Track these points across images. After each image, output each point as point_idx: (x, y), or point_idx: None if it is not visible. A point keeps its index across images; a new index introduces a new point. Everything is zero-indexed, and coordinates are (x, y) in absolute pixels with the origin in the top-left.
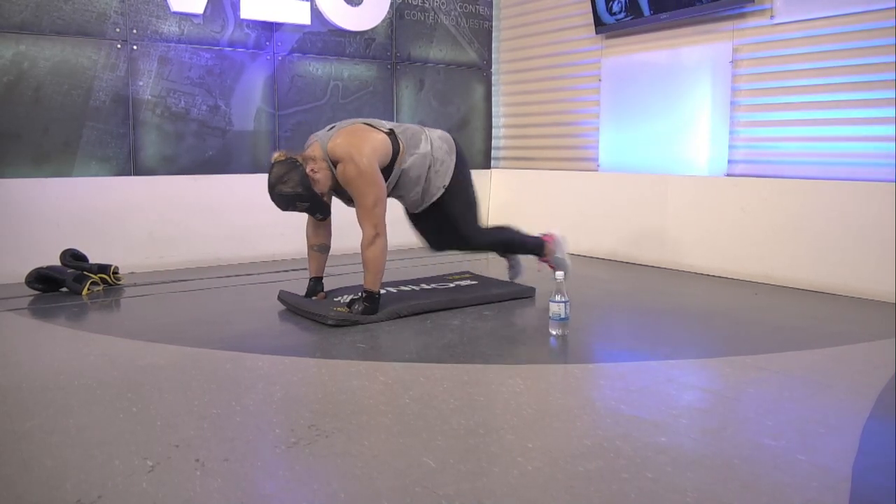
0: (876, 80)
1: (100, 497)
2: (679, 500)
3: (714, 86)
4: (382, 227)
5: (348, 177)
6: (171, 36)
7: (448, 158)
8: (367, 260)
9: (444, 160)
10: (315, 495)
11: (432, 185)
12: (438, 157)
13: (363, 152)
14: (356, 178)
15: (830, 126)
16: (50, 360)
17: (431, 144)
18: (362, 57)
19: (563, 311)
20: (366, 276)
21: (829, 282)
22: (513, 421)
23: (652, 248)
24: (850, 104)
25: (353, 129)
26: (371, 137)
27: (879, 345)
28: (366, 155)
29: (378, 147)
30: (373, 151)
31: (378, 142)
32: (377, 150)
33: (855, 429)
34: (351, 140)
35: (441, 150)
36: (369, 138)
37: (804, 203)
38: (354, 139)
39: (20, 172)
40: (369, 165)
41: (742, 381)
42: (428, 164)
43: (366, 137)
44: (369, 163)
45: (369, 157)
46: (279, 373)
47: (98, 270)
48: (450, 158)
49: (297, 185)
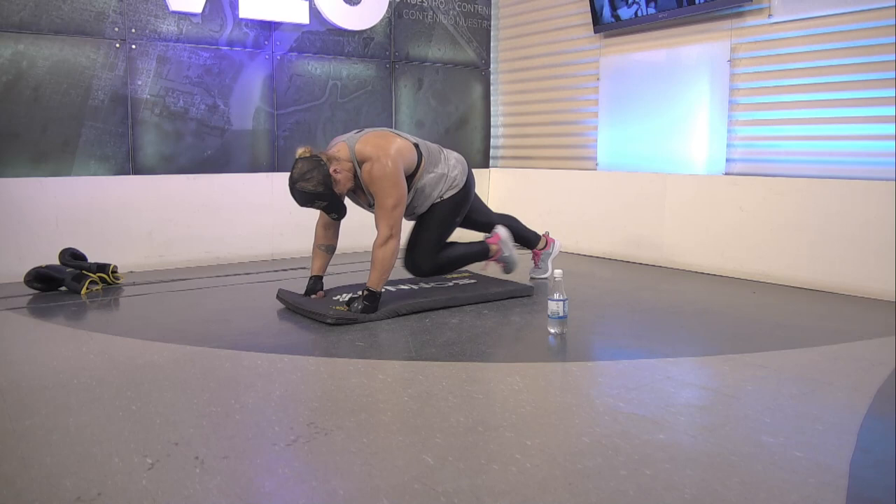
0: (873, 79)
1: (99, 494)
2: (677, 497)
3: (712, 84)
4: (398, 230)
5: (374, 176)
6: (169, 35)
7: (460, 179)
8: (377, 259)
9: (456, 179)
10: (314, 492)
11: (437, 195)
12: (452, 175)
13: (390, 154)
14: (381, 178)
15: (828, 125)
16: (49, 358)
17: (448, 165)
18: (361, 56)
19: (562, 310)
20: (371, 274)
21: (827, 280)
22: (511, 418)
23: (650, 246)
24: (848, 103)
25: (383, 133)
26: (399, 143)
27: (877, 343)
28: (392, 157)
29: (405, 152)
30: (399, 155)
31: (405, 148)
32: (404, 155)
33: (853, 426)
34: (380, 142)
35: (455, 170)
36: (397, 143)
37: (802, 201)
38: (383, 141)
39: (19, 172)
40: (395, 167)
41: (740, 379)
42: (440, 184)
43: (394, 141)
44: (395, 165)
45: (395, 159)
46: (278, 371)
47: (97, 269)
48: (461, 178)
49: (319, 183)
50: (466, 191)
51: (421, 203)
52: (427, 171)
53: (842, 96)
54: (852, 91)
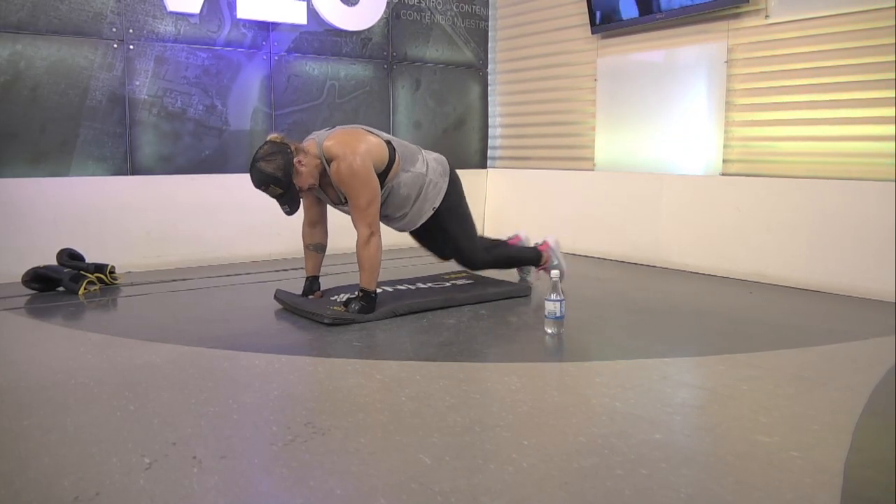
0: (870, 80)
1: (97, 494)
2: (673, 497)
3: (709, 85)
4: (377, 227)
5: (342, 175)
6: (167, 36)
7: (441, 181)
8: (363, 259)
9: (438, 182)
10: (311, 492)
11: (423, 206)
12: (432, 178)
13: (357, 151)
14: (350, 178)
15: (825, 125)
16: (47, 358)
17: (427, 165)
18: (359, 57)
19: (559, 310)
20: (361, 275)
21: (823, 280)
22: (508, 418)
23: (647, 246)
24: (845, 103)
25: (350, 131)
26: (367, 139)
27: (872, 343)
28: (360, 154)
29: (373, 149)
30: (367, 152)
31: (373, 144)
32: (371, 151)
33: (848, 425)
34: (346, 139)
35: (435, 171)
36: (365, 139)
37: (798, 202)
38: (350, 139)
39: (17, 172)
40: (363, 165)
41: (736, 379)
42: (420, 184)
43: (361, 138)
44: (363, 162)
45: (363, 156)
46: (275, 371)
47: (95, 270)
48: (443, 181)
49: (278, 168)
50: (453, 188)
51: (400, 205)
52: (403, 169)
53: (838, 97)
54: (849, 92)
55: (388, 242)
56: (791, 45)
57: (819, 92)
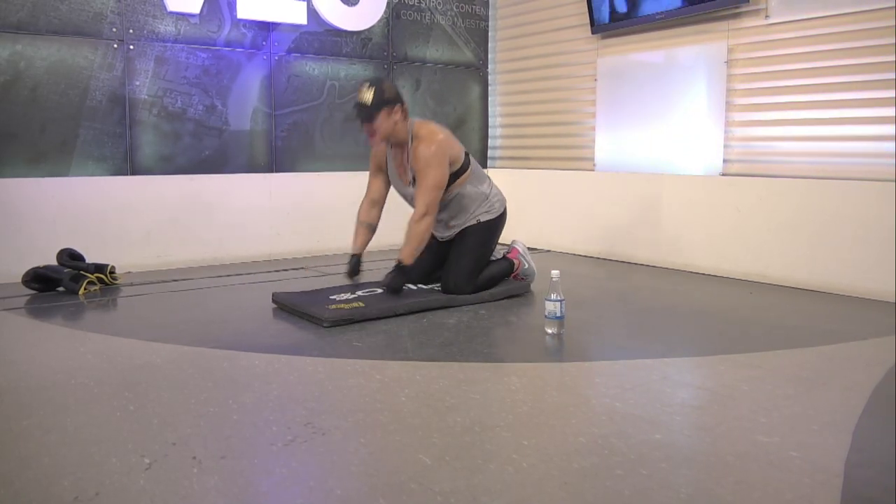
0: (870, 80)
1: (97, 494)
2: (673, 497)
3: (709, 85)
4: (433, 209)
5: (420, 154)
6: (167, 36)
7: (498, 206)
8: (412, 233)
9: (495, 205)
10: (311, 492)
11: (474, 215)
12: (492, 201)
13: (440, 141)
14: (427, 158)
15: (825, 125)
16: (47, 358)
17: (491, 189)
18: (359, 57)
19: (559, 310)
20: (405, 247)
21: (823, 280)
22: (508, 418)
23: (647, 246)
24: (844, 103)
25: (442, 127)
26: (452, 138)
27: (872, 343)
28: (442, 144)
29: (454, 147)
30: (449, 145)
31: (456, 144)
32: (453, 146)
33: (848, 425)
34: (435, 129)
35: (496, 197)
36: (450, 137)
37: (798, 202)
38: (438, 129)
39: (17, 172)
40: (440, 151)
41: (736, 379)
42: (480, 202)
43: (448, 134)
44: (441, 150)
45: (444, 146)
46: (275, 371)
47: (95, 270)
48: (499, 207)
49: (396, 98)
50: (501, 218)
51: (457, 215)
52: (471, 182)
53: (838, 97)
54: (849, 92)
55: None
56: (791, 46)
57: (819, 92)
